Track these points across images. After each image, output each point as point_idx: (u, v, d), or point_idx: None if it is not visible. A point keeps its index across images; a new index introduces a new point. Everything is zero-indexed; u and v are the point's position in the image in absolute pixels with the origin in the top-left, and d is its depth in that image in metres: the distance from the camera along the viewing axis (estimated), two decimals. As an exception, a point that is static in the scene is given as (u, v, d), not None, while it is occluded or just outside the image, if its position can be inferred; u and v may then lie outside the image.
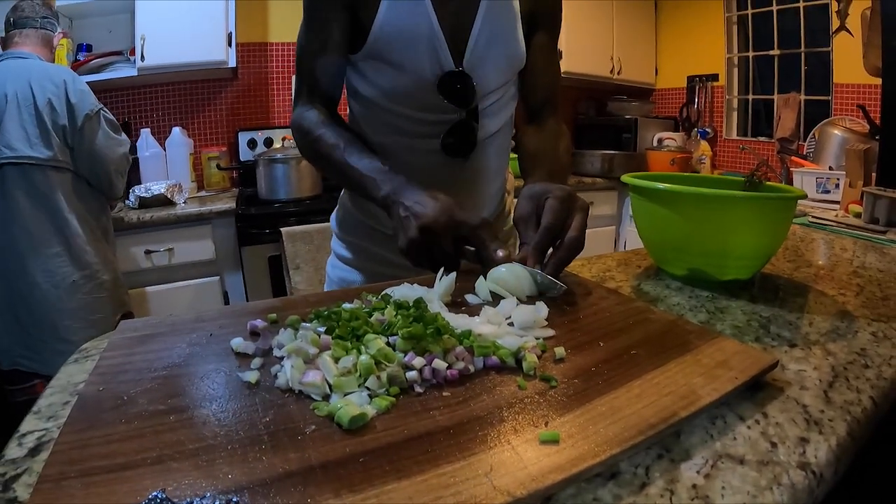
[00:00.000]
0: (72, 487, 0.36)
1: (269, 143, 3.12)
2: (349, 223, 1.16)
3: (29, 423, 0.51)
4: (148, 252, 2.40)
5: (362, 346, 0.53)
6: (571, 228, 0.77)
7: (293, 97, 1.04)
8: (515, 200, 1.19)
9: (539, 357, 0.56)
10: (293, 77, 1.05)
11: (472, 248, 0.80)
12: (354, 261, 1.16)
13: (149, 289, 2.44)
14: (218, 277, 2.62)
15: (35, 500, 0.35)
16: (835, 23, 2.98)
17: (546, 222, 0.78)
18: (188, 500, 0.35)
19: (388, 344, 0.54)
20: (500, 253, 0.76)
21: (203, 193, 2.96)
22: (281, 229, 2.47)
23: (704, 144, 3.71)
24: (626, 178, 0.96)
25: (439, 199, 0.79)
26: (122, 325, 0.65)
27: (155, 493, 0.35)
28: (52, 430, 0.49)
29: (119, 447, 0.41)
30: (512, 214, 1.19)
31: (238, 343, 0.57)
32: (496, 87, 1.03)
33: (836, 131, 2.69)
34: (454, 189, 1.00)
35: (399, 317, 0.57)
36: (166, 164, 2.84)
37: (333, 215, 1.21)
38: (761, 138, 3.65)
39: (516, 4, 1.01)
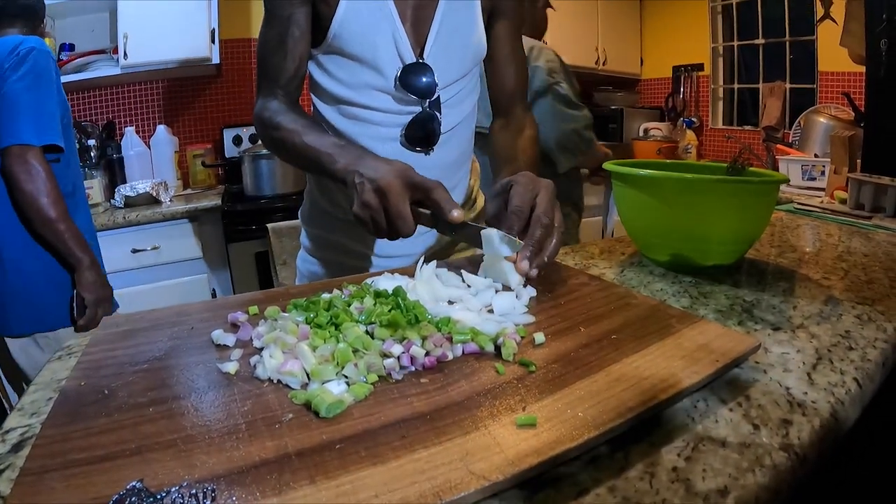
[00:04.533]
0: (52, 480, 0.36)
1: (254, 139, 3.09)
2: (313, 214, 1.16)
3: (12, 420, 0.51)
4: (134, 251, 2.38)
5: (340, 335, 0.53)
6: (537, 206, 0.77)
7: (256, 92, 1.02)
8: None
9: (518, 343, 0.56)
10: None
11: (428, 212, 0.79)
12: (318, 252, 1.16)
13: (135, 288, 2.42)
14: (205, 275, 2.61)
15: (16, 493, 0.35)
16: (819, 11, 3.00)
17: (512, 206, 0.77)
18: (165, 489, 0.35)
19: (366, 332, 0.54)
20: (456, 213, 0.75)
21: (189, 191, 2.94)
22: (267, 225, 2.45)
23: (690, 134, 3.73)
24: (607, 165, 0.96)
25: (394, 163, 0.78)
26: (105, 320, 0.65)
27: (133, 484, 0.35)
28: (35, 426, 0.49)
29: (99, 440, 0.41)
30: (477, 201, 1.20)
31: (218, 335, 0.57)
32: (457, 79, 1.03)
33: (821, 119, 2.70)
34: None
35: (378, 305, 0.57)
36: (151, 163, 2.83)
37: (301, 209, 1.21)
38: (747, 127, 3.67)
39: None
